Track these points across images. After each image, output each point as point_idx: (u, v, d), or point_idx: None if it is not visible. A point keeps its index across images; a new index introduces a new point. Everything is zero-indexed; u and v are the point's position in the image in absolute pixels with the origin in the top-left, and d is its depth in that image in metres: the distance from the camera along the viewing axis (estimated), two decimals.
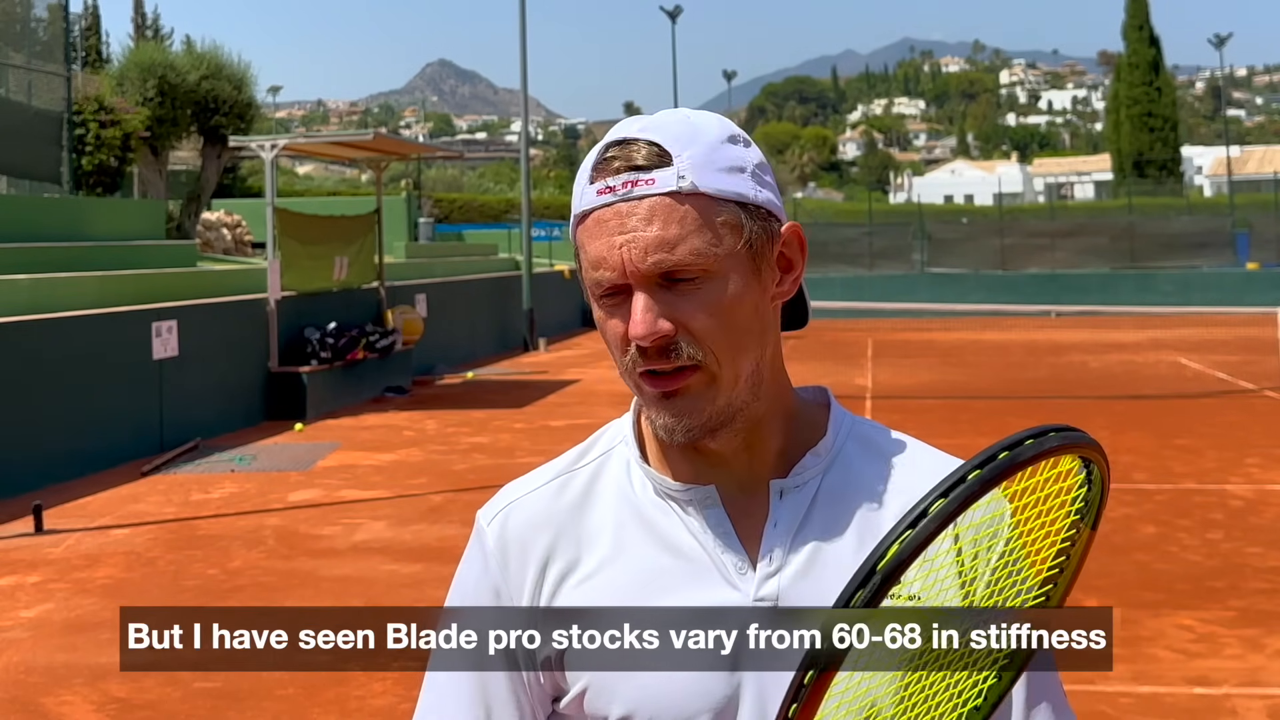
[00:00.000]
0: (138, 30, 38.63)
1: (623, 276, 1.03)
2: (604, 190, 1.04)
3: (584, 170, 1.08)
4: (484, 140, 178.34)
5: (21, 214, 12.89)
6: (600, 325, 1.08)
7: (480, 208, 43.71)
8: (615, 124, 1.14)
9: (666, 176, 1.04)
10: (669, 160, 1.04)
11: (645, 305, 1.03)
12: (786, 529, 1.08)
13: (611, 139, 1.07)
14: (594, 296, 1.07)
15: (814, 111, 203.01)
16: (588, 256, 1.05)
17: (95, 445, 10.05)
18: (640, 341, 1.03)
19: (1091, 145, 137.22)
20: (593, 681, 1.07)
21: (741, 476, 1.11)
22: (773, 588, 1.06)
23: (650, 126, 1.07)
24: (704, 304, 1.04)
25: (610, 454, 1.15)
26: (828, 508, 1.10)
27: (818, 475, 1.11)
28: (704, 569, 1.07)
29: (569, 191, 3.25)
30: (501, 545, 1.12)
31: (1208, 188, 72.31)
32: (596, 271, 1.04)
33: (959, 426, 11.56)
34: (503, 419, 12.77)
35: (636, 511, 1.11)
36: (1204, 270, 30.75)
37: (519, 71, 23.40)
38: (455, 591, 1.16)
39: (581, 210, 1.06)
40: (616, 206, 1.04)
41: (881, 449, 1.15)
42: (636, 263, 1.02)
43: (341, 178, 71.58)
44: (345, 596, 6.25)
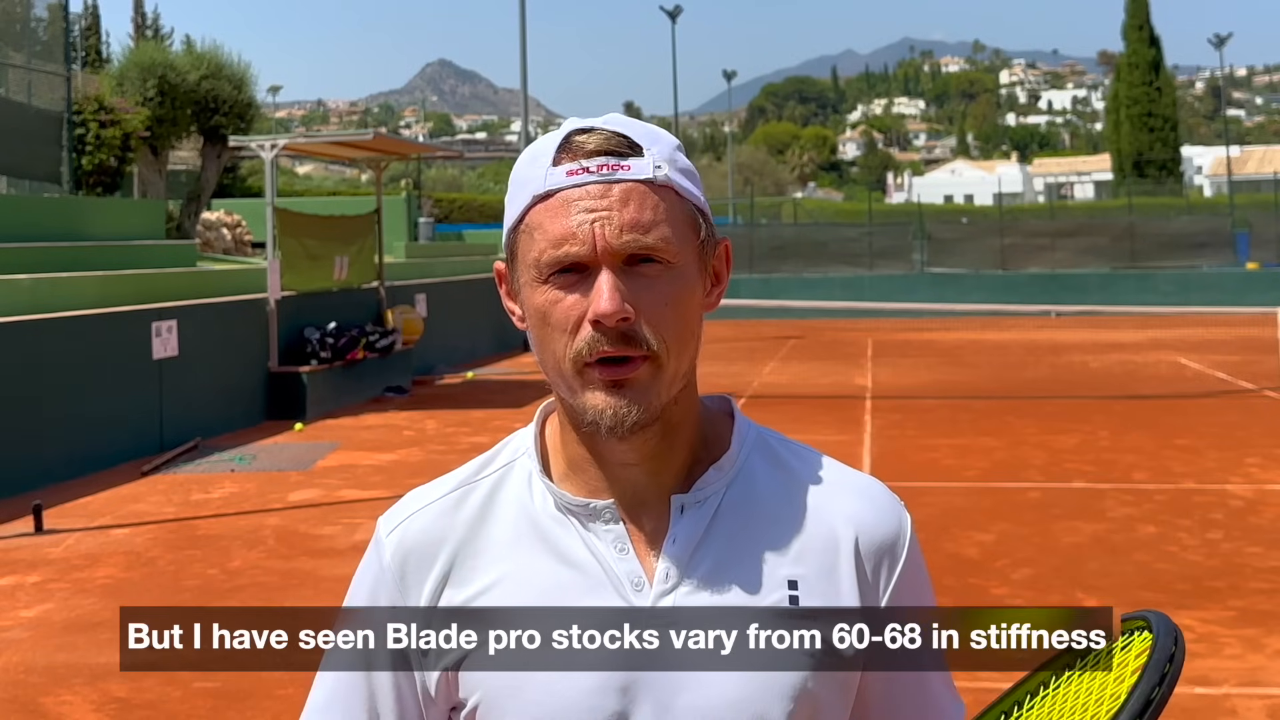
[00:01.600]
0: (138, 30, 38.61)
1: (591, 252, 1.02)
2: (576, 170, 1.03)
3: (539, 155, 1.06)
4: (484, 140, 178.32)
5: (21, 214, 12.89)
6: (545, 309, 1.04)
7: (480, 208, 43.67)
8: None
9: (642, 165, 1.04)
10: (640, 151, 1.05)
11: (613, 284, 1.02)
12: (685, 545, 1.07)
13: (571, 128, 1.07)
14: (539, 280, 1.05)
15: (814, 111, 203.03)
16: (548, 234, 1.03)
17: (95, 445, 10.05)
18: (605, 320, 1.01)
19: (1091, 145, 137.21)
20: (484, 697, 1.06)
21: (643, 490, 1.09)
22: (668, 604, 1.06)
23: (610, 121, 1.07)
24: (664, 293, 1.04)
25: (512, 465, 1.14)
26: (729, 523, 1.09)
27: (720, 490, 1.10)
28: (600, 584, 1.07)
29: None
30: (399, 559, 1.11)
31: (1208, 188, 72.30)
32: (559, 249, 1.02)
33: (959, 426, 11.56)
34: (503, 419, 12.77)
35: (535, 525, 1.10)
36: (1204, 270, 30.74)
37: (519, 71, 23.43)
38: (350, 599, 1.15)
39: (546, 190, 1.04)
40: (589, 187, 1.03)
41: (785, 463, 1.14)
42: (610, 239, 1.02)
43: (341, 178, 71.56)
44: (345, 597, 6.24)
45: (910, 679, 1.11)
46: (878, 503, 1.13)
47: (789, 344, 21.33)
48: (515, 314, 1.12)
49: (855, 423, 11.79)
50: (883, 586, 1.10)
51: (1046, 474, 9.24)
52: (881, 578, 1.10)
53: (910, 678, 1.11)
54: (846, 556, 1.09)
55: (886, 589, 1.10)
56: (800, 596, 1.07)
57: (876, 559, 1.10)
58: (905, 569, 1.11)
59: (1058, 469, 9.43)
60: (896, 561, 1.11)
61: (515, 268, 1.09)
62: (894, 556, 1.11)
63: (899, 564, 1.11)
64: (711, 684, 1.04)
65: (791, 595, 1.07)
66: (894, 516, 1.13)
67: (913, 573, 1.12)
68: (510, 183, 1.09)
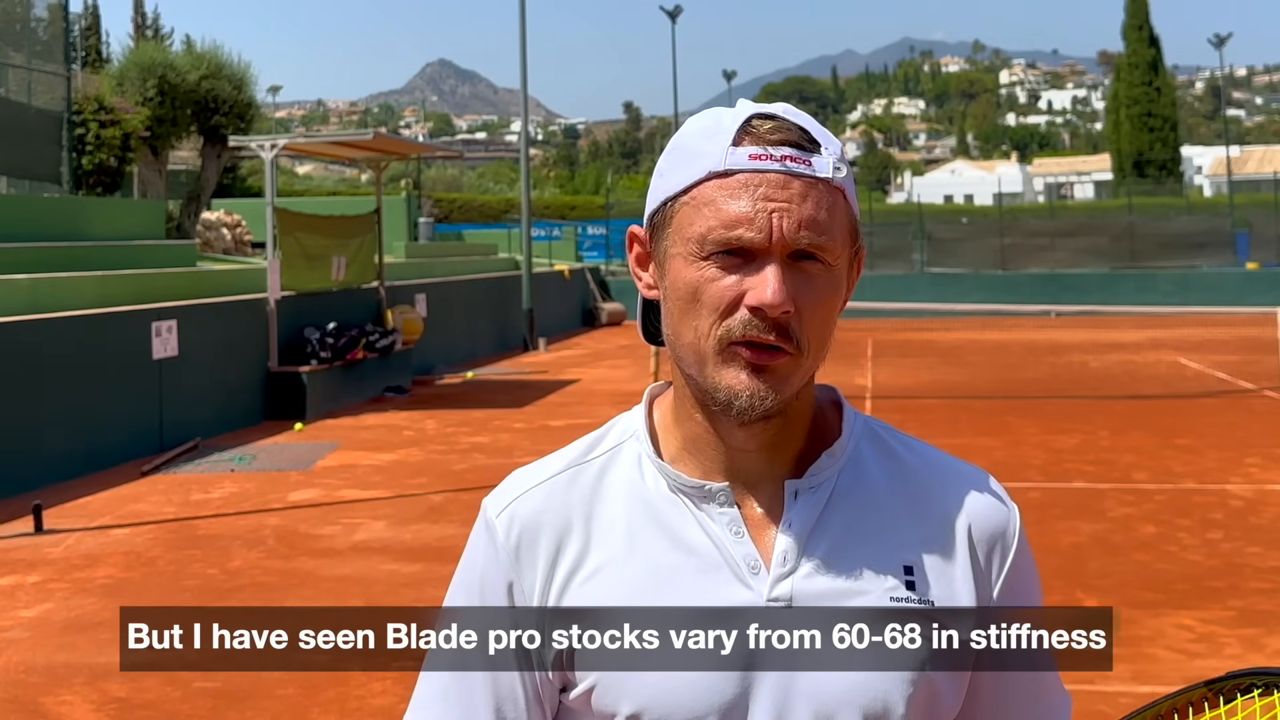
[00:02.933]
0: (138, 30, 38.61)
1: (766, 241, 1.02)
2: (760, 155, 1.03)
3: (719, 130, 1.06)
4: (484, 140, 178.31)
5: (21, 214, 12.89)
6: (697, 285, 1.04)
7: (480, 208, 43.70)
8: (615, 124, 1.14)
9: (823, 163, 1.04)
10: (819, 149, 1.05)
11: (781, 276, 1.02)
12: (801, 530, 1.08)
13: (751, 111, 1.07)
14: (698, 255, 1.04)
15: (814, 111, 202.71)
16: (721, 214, 1.03)
17: (95, 445, 10.05)
18: (770, 310, 1.01)
19: (1091, 145, 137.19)
20: (600, 680, 1.06)
21: (757, 476, 1.10)
22: (786, 588, 1.06)
23: (791, 113, 1.07)
24: (821, 293, 1.05)
25: (620, 448, 1.14)
26: (842, 509, 1.10)
27: (833, 476, 1.11)
28: (716, 567, 1.07)
29: (569, 191, 3.22)
30: (513, 537, 1.10)
31: (1208, 188, 72.28)
32: (733, 230, 1.02)
33: (959, 426, 11.56)
34: (503, 419, 12.76)
35: (648, 507, 1.10)
36: (1204, 270, 30.75)
37: (519, 71, 23.40)
38: (462, 583, 1.13)
39: (726, 168, 1.04)
40: (771, 175, 1.03)
41: (894, 451, 1.15)
42: (788, 232, 1.02)
43: (341, 178, 71.57)
44: (345, 596, 6.25)
45: (1021, 676, 1.13)
46: (989, 492, 1.14)
47: None
48: (642, 281, 1.12)
49: None
50: (995, 576, 1.11)
51: (1046, 474, 9.25)
52: (994, 567, 1.11)
53: (1021, 675, 1.12)
54: (961, 544, 1.10)
55: (999, 579, 1.11)
56: (916, 582, 1.08)
57: (989, 548, 1.11)
58: (1016, 560, 1.13)
59: (1058, 469, 9.43)
60: (1008, 551, 1.12)
61: (663, 237, 1.08)
62: (1005, 546, 1.12)
63: (1010, 554, 1.12)
64: (830, 669, 1.05)
65: (908, 581, 1.07)
66: (1005, 507, 1.14)
67: (1023, 565, 1.13)
68: (673, 149, 1.08)
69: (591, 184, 69.69)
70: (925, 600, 1.07)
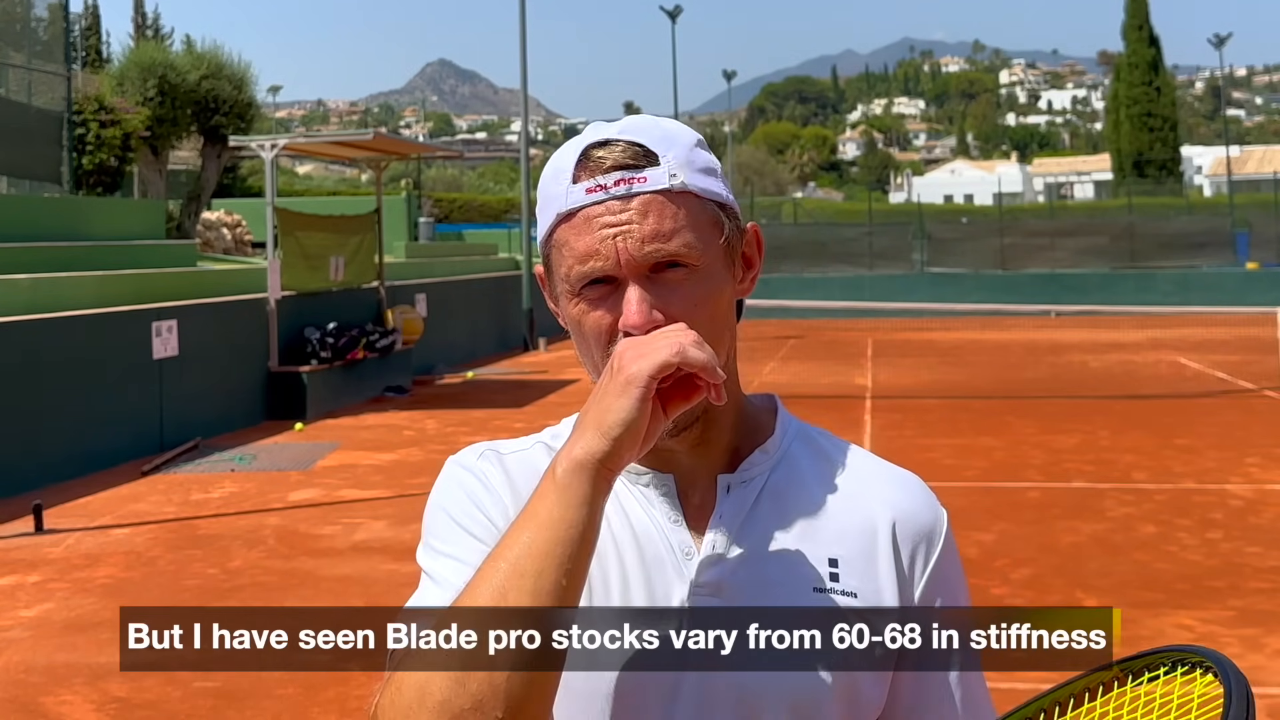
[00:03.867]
0: (138, 30, 38.60)
1: (616, 266, 1.06)
2: (594, 188, 1.07)
3: (561, 170, 1.09)
4: (484, 140, 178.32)
5: (21, 214, 12.88)
6: (577, 320, 1.09)
7: (480, 208, 43.70)
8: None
9: (658, 175, 1.07)
10: (656, 160, 1.07)
11: (639, 296, 1.05)
12: (731, 521, 1.11)
13: (588, 141, 1.09)
14: (571, 293, 1.09)
15: (814, 111, 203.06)
16: (574, 251, 1.07)
17: (95, 445, 10.05)
18: (635, 331, 1.04)
19: (1091, 145, 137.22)
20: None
21: (694, 470, 1.14)
22: (714, 575, 1.09)
23: (628, 129, 1.10)
24: (690, 297, 1.07)
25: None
26: (772, 504, 1.13)
27: (764, 472, 1.14)
28: (655, 548, 1.11)
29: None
30: (480, 470, 1.14)
31: (1207, 187, 72.29)
32: (585, 264, 1.06)
33: (959, 426, 11.56)
34: (503, 419, 12.77)
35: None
36: (1204, 270, 30.74)
37: (519, 71, 23.41)
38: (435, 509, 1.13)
39: (568, 209, 1.08)
40: (608, 203, 1.06)
41: (826, 453, 1.18)
42: (632, 251, 1.05)
43: (341, 178, 71.57)
44: (345, 596, 6.25)
45: (941, 676, 1.13)
46: (915, 493, 1.17)
47: (789, 344, 21.33)
48: (559, 316, 1.16)
49: (855, 423, 11.79)
50: (918, 575, 1.13)
51: (1046, 474, 9.25)
52: (917, 566, 1.13)
53: (941, 675, 1.13)
54: (884, 540, 1.13)
55: (921, 578, 1.13)
56: (840, 574, 1.10)
57: (913, 546, 1.14)
58: (940, 561, 1.14)
59: (1058, 469, 9.43)
60: (932, 551, 1.14)
61: (551, 279, 1.13)
62: (930, 546, 1.14)
63: (934, 554, 1.14)
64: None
65: (832, 573, 1.10)
66: (931, 508, 1.17)
67: (948, 566, 1.15)
68: (538, 194, 1.13)
69: None
70: (848, 592, 1.09)
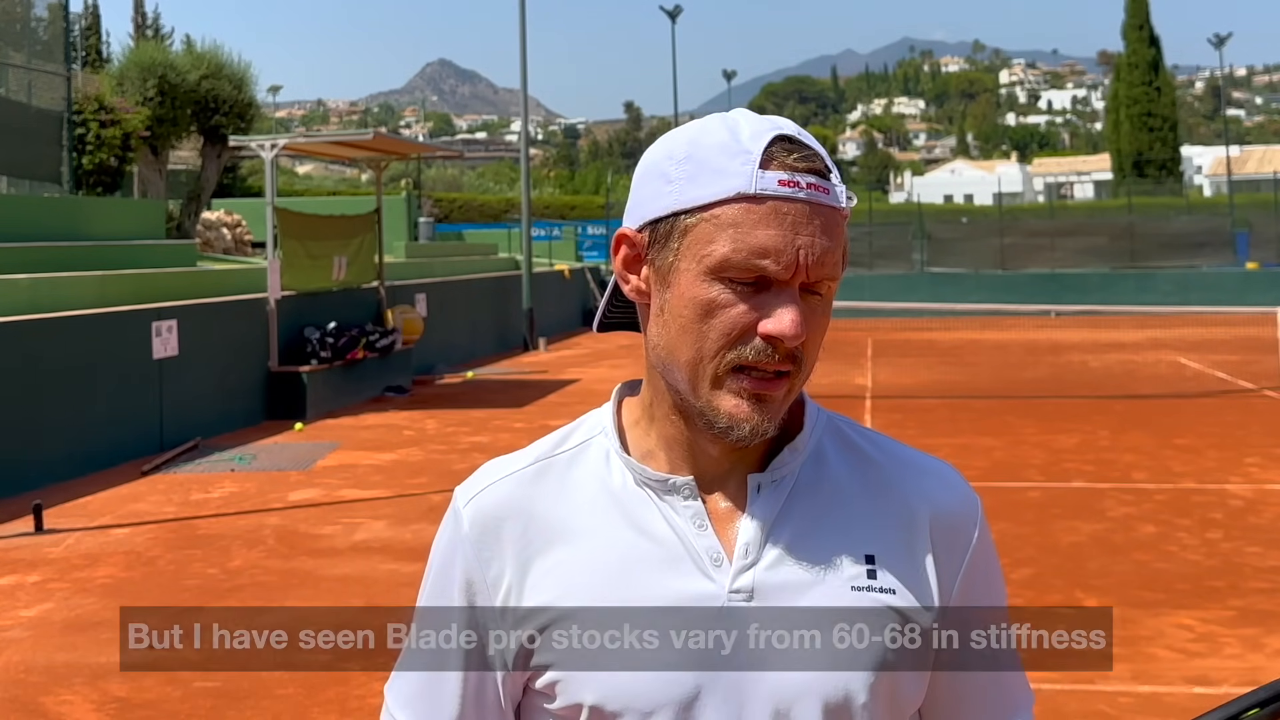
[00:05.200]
0: (138, 30, 38.61)
1: (789, 274, 1.02)
2: (789, 183, 1.02)
3: (742, 149, 1.03)
4: (484, 140, 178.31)
5: (21, 214, 12.89)
6: (708, 307, 1.03)
7: (480, 208, 43.72)
8: (615, 123, 1.13)
9: (838, 192, 1.04)
10: (830, 174, 1.05)
11: (799, 308, 1.03)
12: (763, 522, 1.09)
13: (773, 131, 1.04)
14: (709, 274, 1.03)
15: (814, 111, 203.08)
16: (748, 239, 1.01)
17: (95, 445, 10.05)
18: (789, 342, 1.02)
19: (1091, 145, 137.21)
20: (563, 676, 1.07)
21: (720, 469, 1.11)
22: (748, 580, 1.07)
23: (805, 135, 1.06)
24: (821, 321, 1.06)
25: (589, 444, 1.15)
26: (804, 502, 1.11)
27: (795, 470, 1.12)
28: (679, 558, 1.07)
29: (569, 191, 3.21)
30: (478, 528, 1.11)
31: (1207, 187, 72.28)
32: (759, 258, 1.01)
33: (959, 426, 11.56)
34: (503, 419, 12.77)
35: (613, 500, 1.11)
36: (1204, 270, 30.75)
37: (519, 71, 23.41)
38: (431, 573, 1.15)
39: (757, 192, 1.02)
40: (798, 204, 1.02)
41: (856, 445, 1.16)
42: (811, 268, 1.02)
43: (341, 177, 71.57)
44: (345, 596, 6.25)
45: (981, 676, 1.14)
46: (951, 483, 1.15)
47: None
48: (630, 284, 1.10)
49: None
50: (957, 568, 1.11)
51: (1046, 474, 9.25)
52: (955, 557, 1.12)
53: (981, 675, 1.13)
54: (922, 534, 1.11)
55: (960, 572, 1.11)
56: (878, 571, 1.08)
57: (950, 538, 1.12)
58: (977, 551, 1.13)
59: (1058, 469, 9.43)
60: (969, 542, 1.13)
61: (669, 248, 1.06)
62: (967, 537, 1.13)
63: (971, 545, 1.13)
64: (790, 668, 1.05)
65: (870, 570, 1.08)
66: (967, 499, 1.15)
67: (985, 558, 1.14)
68: (688, 159, 1.05)
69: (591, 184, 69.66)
70: (887, 589, 1.07)
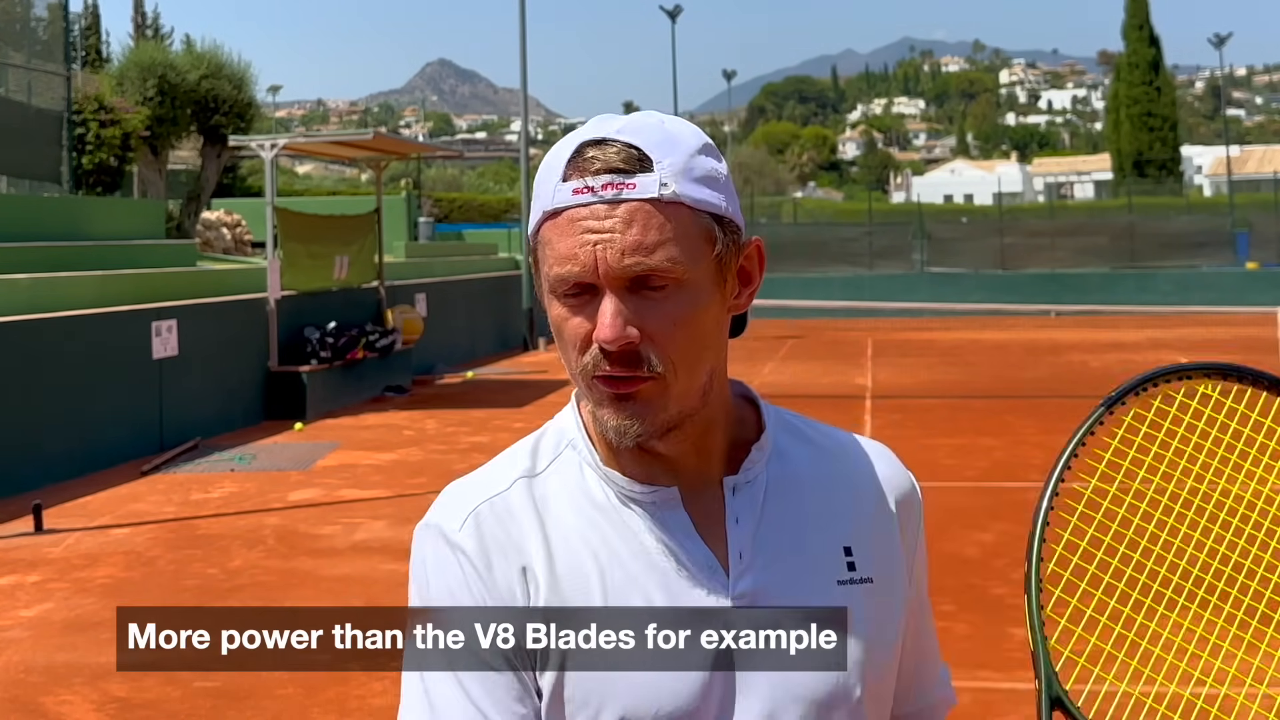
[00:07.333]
0: (138, 30, 38.59)
1: (593, 275, 1.02)
2: (581, 189, 1.02)
3: (554, 166, 1.05)
4: (484, 140, 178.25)
5: (21, 214, 12.88)
6: (558, 324, 1.06)
7: (480, 207, 43.68)
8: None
9: (648, 182, 1.02)
10: (650, 166, 1.03)
11: (615, 309, 1.01)
12: (748, 524, 1.10)
13: (586, 137, 1.05)
14: (555, 294, 1.05)
15: (814, 111, 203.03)
16: (555, 252, 1.03)
17: (95, 445, 10.05)
18: (608, 346, 1.01)
19: (1091, 145, 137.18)
20: (577, 680, 1.06)
21: (692, 477, 1.11)
22: (749, 584, 1.08)
23: (628, 129, 1.05)
24: (670, 314, 1.03)
25: (560, 458, 1.14)
26: (778, 501, 1.13)
27: (763, 469, 1.13)
28: (676, 571, 1.08)
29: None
30: (481, 551, 1.09)
31: (1207, 187, 72.26)
32: (564, 267, 1.02)
33: (959, 426, 11.56)
34: (503, 419, 12.77)
35: (603, 515, 1.10)
36: (1204, 270, 30.74)
37: (519, 71, 23.41)
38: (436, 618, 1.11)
39: (554, 207, 1.04)
40: (594, 207, 1.02)
41: (807, 436, 1.19)
42: (611, 263, 1.01)
43: (341, 177, 71.54)
44: (345, 596, 6.25)
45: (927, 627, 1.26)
46: (894, 463, 1.22)
47: (789, 344, 21.32)
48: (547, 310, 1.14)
49: (855, 423, 11.78)
50: (914, 539, 1.20)
51: (1046, 474, 9.23)
52: (909, 532, 1.19)
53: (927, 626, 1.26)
54: (887, 516, 1.17)
55: (915, 543, 1.20)
56: (856, 563, 1.13)
57: (906, 513, 1.19)
58: (921, 522, 1.22)
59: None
60: (919, 516, 1.21)
61: (538, 275, 1.10)
62: (918, 510, 1.21)
63: (920, 518, 1.21)
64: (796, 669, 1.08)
65: (849, 563, 1.12)
66: (907, 474, 1.22)
67: (921, 525, 1.23)
68: (534, 185, 1.09)
69: None
70: (865, 579, 1.12)
